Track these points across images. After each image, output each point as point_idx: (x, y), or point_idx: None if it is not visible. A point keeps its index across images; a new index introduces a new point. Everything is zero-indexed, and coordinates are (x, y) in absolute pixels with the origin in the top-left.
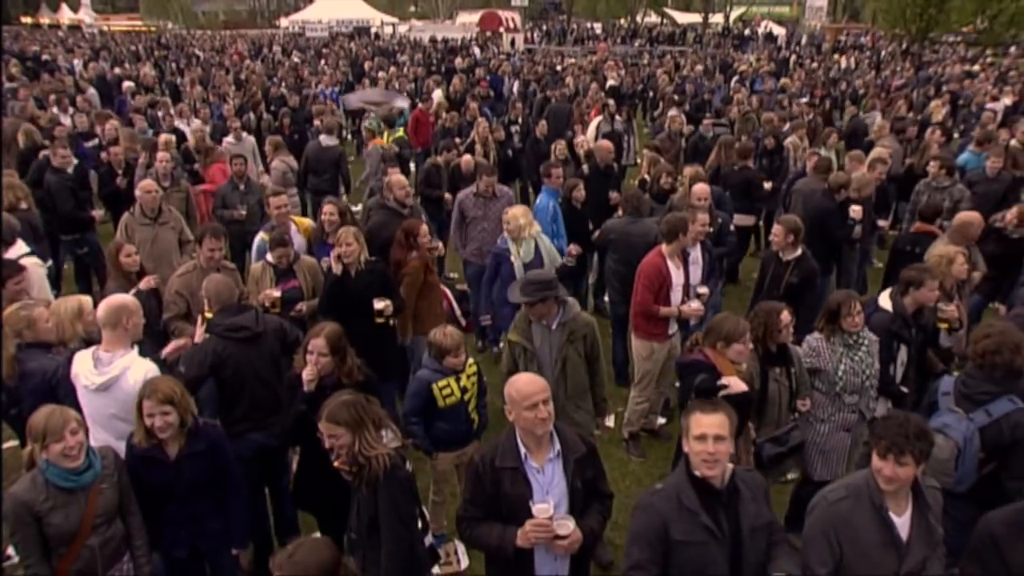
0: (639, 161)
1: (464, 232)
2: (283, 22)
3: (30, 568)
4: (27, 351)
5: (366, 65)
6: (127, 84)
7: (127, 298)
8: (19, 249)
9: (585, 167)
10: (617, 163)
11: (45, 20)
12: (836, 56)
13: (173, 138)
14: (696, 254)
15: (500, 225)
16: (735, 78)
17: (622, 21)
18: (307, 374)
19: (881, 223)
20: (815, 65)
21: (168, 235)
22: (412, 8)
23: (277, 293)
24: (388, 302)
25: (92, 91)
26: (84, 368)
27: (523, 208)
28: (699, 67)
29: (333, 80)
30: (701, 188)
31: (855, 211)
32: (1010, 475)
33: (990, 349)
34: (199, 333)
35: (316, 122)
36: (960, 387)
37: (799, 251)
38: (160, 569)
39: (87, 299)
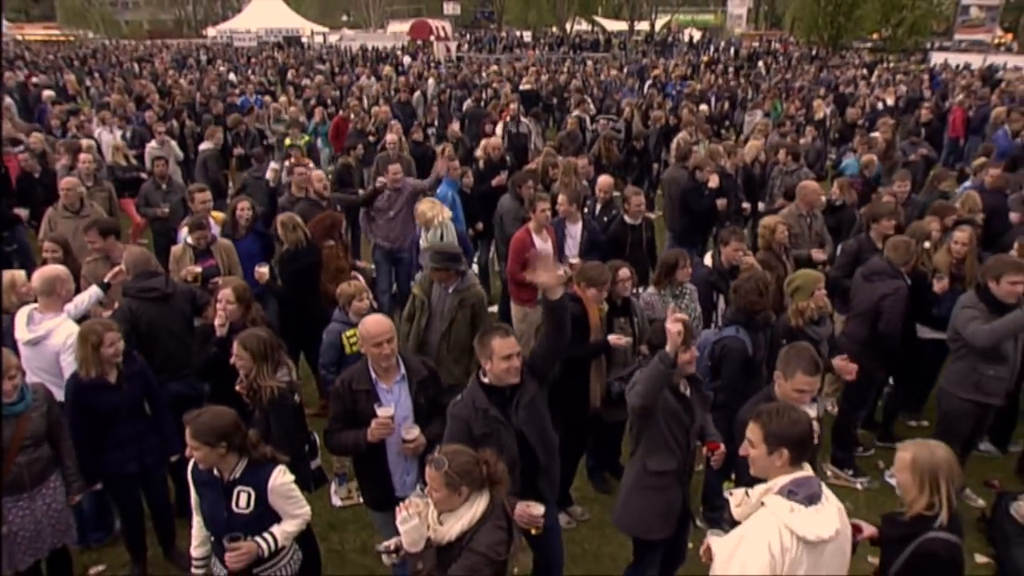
0: None
1: (370, 222)
2: (211, 31)
3: None
4: None
5: (290, 73)
6: (47, 93)
7: (59, 268)
8: None
9: (481, 163)
10: (522, 160)
11: None
12: (758, 62)
13: (94, 143)
14: (575, 230)
15: (405, 215)
16: (648, 82)
17: (554, 29)
18: (218, 320)
19: (745, 206)
20: (731, 69)
21: None
22: (344, 17)
23: (198, 269)
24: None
25: (9, 100)
26: (19, 323)
27: (429, 201)
28: (614, 72)
29: (257, 88)
30: (605, 180)
31: (711, 178)
32: (721, 387)
33: (738, 287)
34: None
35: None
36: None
37: (640, 217)
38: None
39: (20, 272)
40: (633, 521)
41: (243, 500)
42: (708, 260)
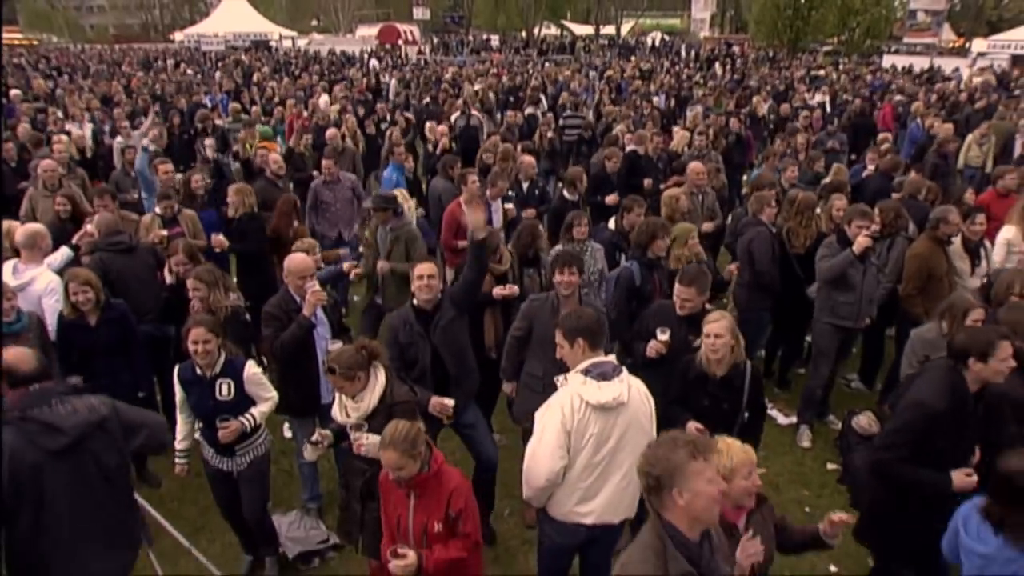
0: None
1: (317, 214)
2: (178, 36)
3: None
4: None
5: (255, 76)
6: (14, 92)
7: (39, 225)
8: None
9: (431, 147)
10: (472, 151)
11: None
12: (714, 64)
13: (66, 137)
14: (497, 204)
15: (347, 206)
16: (603, 81)
17: (523, 33)
18: (170, 279)
19: (662, 187)
20: (685, 71)
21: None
22: (313, 22)
23: (164, 232)
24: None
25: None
26: (5, 273)
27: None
28: (567, 72)
29: (222, 89)
30: (528, 159)
31: (612, 165)
32: (610, 307)
33: (637, 229)
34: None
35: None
36: None
37: (577, 196)
38: None
39: (14, 222)
40: (518, 414)
41: (224, 390)
42: (611, 224)
